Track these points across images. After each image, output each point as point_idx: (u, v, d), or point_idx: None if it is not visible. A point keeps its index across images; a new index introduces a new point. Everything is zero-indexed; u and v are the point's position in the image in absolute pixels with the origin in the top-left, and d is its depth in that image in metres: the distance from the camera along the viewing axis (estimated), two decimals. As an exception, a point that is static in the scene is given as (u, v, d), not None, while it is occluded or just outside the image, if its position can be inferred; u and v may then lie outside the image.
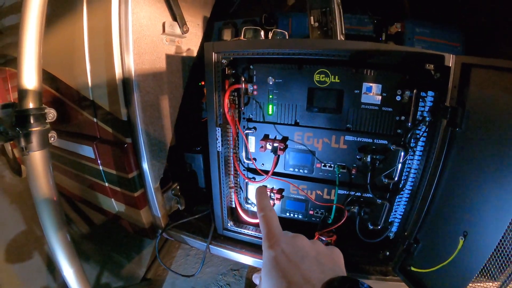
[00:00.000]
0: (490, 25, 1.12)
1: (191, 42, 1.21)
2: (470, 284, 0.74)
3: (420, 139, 0.84)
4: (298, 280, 0.27)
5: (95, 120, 1.10)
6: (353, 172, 0.93)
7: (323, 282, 0.27)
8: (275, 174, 0.99)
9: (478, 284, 0.75)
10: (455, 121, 0.74)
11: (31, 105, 0.74)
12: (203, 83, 1.22)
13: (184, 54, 1.16)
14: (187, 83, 1.18)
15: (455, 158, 0.77)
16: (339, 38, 0.98)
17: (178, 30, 1.10)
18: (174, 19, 1.09)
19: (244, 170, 1.03)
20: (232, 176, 1.03)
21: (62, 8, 1.06)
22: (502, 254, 0.68)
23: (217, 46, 0.88)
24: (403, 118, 0.84)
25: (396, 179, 0.91)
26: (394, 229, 0.97)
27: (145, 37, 0.97)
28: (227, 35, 1.25)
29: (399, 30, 1.15)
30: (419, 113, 0.83)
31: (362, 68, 0.83)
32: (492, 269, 0.71)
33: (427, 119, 0.81)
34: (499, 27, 1.10)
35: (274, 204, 1.01)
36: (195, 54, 1.21)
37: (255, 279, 0.37)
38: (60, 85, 1.17)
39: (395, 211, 0.94)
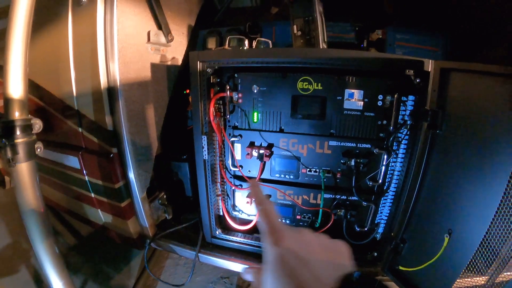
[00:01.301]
0: (470, 31, 1.16)
1: (176, 50, 1.21)
2: (458, 280, 0.77)
3: (402, 142, 0.87)
4: (308, 279, 0.25)
5: (80, 130, 1.09)
6: (338, 176, 0.95)
7: (333, 278, 0.27)
8: (262, 180, 0.99)
9: (466, 279, 0.78)
10: (436, 123, 0.77)
11: (17, 115, 0.73)
12: (188, 91, 1.22)
13: (169, 63, 1.17)
14: (173, 92, 1.18)
15: (437, 159, 0.79)
16: (321, 46, 1.00)
17: (163, 39, 1.10)
18: (159, 28, 1.10)
19: (230, 177, 1.04)
20: (219, 183, 1.03)
21: (47, 16, 1.06)
22: (487, 249, 0.70)
23: (202, 55, 0.89)
24: (385, 122, 0.87)
25: (380, 181, 0.93)
26: (381, 230, 0.98)
27: (130, 46, 0.98)
28: (211, 43, 1.26)
29: (381, 36, 1.18)
30: (400, 117, 0.85)
31: (344, 75, 0.85)
32: (478, 264, 0.73)
33: (408, 122, 0.83)
34: (480, 33, 1.14)
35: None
36: (180, 62, 1.22)
37: (246, 274, 0.34)
38: (44, 94, 1.16)
39: (381, 213, 0.96)
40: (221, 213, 1.07)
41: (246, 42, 1.10)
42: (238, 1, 1.43)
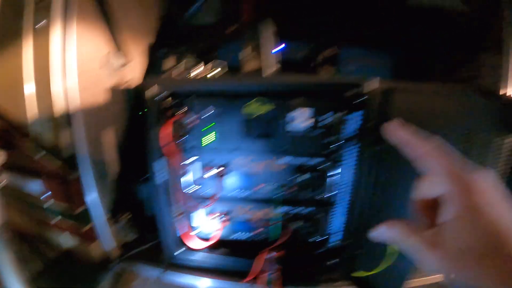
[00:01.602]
0: (420, 49, 1.24)
1: (134, 71, 1.23)
2: (416, 279, 0.84)
3: (348, 157, 0.92)
4: None
5: (40, 154, 1.08)
6: (292, 190, 0.99)
7: None
8: (221, 198, 1.02)
9: (423, 278, 0.90)
10: (379, 139, 0.83)
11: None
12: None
13: (127, 84, 1.18)
14: (131, 113, 1.20)
15: (383, 171, 0.85)
16: (273, 68, 1.05)
17: (121, 61, 1.12)
18: (118, 49, 1.12)
19: (189, 197, 1.06)
20: (177, 204, 1.05)
21: (2, 37, 1.05)
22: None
23: (156, 79, 0.91)
24: (331, 139, 0.92)
25: (332, 192, 0.98)
26: (338, 237, 1.03)
27: (88, 70, 0.99)
28: (169, 63, 1.29)
29: (333, 54, 1.24)
30: (347, 132, 0.91)
31: (291, 97, 0.91)
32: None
33: (354, 138, 0.89)
34: (429, 50, 1.23)
35: (222, 227, 1.05)
36: (138, 82, 1.24)
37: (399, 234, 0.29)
38: (4, 119, 1.14)
39: (336, 222, 1.01)
40: (182, 233, 1.08)
41: (202, 64, 1.14)
42: (199, 18, 1.45)
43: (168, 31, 1.36)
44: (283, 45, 1.17)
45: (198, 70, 1.12)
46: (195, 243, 1.08)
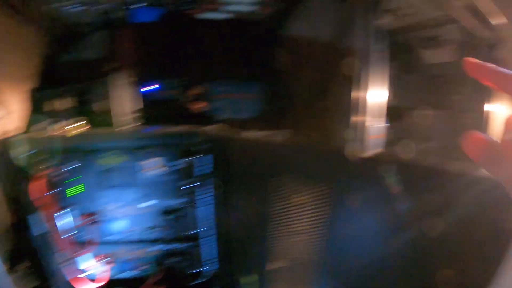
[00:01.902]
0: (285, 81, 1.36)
1: (11, 122, 1.20)
2: None
3: (206, 194, 1.03)
4: None
5: None
6: (164, 229, 1.09)
7: None
8: (101, 242, 1.12)
9: None
10: (223, 178, 0.95)
11: None
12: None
13: (5, 136, 1.14)
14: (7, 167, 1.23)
15: (233, 204, 0.97)
16: (129, 116, 1.16)
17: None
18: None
19: (71, 243, 1.15)
20: (61, 251, 1.13)
21: None
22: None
23: (22, 136, 1.02)
24: (186, 181, 1.03)
25: (198, 228, 1.08)
26: (214, 266, 1.13)
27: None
28: (47, 107, 1.29)
29: (203, 91, 1.33)
30: (198, 174, 1.02)
31: (145, 147, 1.02)
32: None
33: (203, 178, 1.00)
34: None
35: (106, 269, 1.14)
36: (16, 132, 1.19)
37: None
38: None
39: (209, 253, 1.12)
40: (71, 277, 1.17)
41: (67, 121, 1.18)
42: (80, 57, 1.44)
43: (49, 72, 1.42)
44: (156, 85, 1.28)
45: (66, 126, 1.19)
46: (84, 285, 1.16)
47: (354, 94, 0.93)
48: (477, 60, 0.27)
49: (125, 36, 1.31)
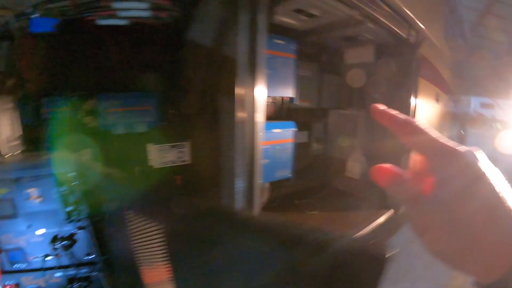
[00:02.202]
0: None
1: None
2: None
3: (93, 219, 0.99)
4: None
5: None
6: (59, 256, 1.04)
7: None
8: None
9: None
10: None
11: None
12: None
13: None
14: None
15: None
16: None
17: None
18: None
19: None
20: None
21: None
22: None
23: None
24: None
25: (94, 253, 1.05)
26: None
27: None
28: None
29: (93, 105, 1.23)
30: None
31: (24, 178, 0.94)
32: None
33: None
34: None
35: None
36: None
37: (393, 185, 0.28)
38: None
39: (109, 276, 1.08)
40: None
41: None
42: None
43: None
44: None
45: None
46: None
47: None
48: (382, 107, 0.28)
49: (19, 48, 1.18)
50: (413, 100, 1.58)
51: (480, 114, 9.79)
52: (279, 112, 1.37)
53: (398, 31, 1.39)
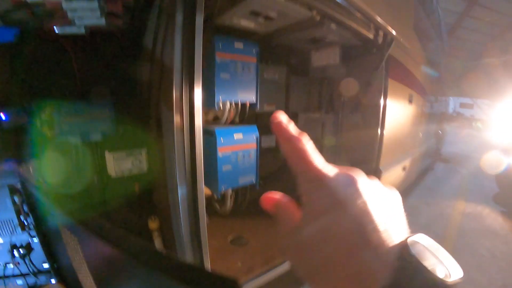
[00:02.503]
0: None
1: None
2: None
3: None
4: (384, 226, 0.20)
5: None
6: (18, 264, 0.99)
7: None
8: None
9: None
10: None
11: None
12: None
13: None
14: None
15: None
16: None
17: None
18: None
19: None
20: None
21: None
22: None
23: None
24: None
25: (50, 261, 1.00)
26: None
27: None
28: None
29: (50, 114, 1.19)
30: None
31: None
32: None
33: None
34: None
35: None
36: None
37: (278, 208, 0.27)
38: None
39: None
40: None
41: None
42: None
43: None
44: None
45: None
46: None
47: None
48: (280, 117, 0.26)
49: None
50: (382, 101, 1.56)
51: (459, 114, 10.08)
52: (243, 117, 1.33)
53: (364, 32, 1.37)
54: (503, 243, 1.92)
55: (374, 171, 1.57)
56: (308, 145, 0.25)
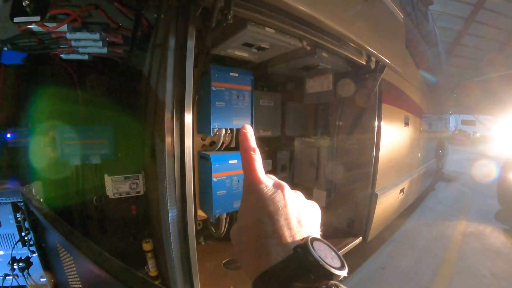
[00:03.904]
0: None
1: None
2: None
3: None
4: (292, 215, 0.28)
5: None
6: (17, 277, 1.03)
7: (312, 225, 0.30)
8: None
9: None
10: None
11: None
12: None
13: None
14: None
15: None
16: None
17: None
18: None
19: None
20: None
21: None
22: None
23: None
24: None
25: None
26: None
27: None
28: None
29: (52, 137, 1.27)
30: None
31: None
32: None
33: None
34: None
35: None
36: None
37: None
38: None
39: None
40: None
41: None
42: None
43: None
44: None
45: None
46: None
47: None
48: (248, 129, 0.33)
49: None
50: (377, 125, 1.59)
51: (461, 131, 10.03)
52: (238, 143, 1.37)
53: (356, 59, 1.42)
54: (504, 262, 1.88)
55: (370, 195, 1.58)
56: (257, 157, 0.32)
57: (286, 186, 0.31)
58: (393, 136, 1.81)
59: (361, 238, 1.63)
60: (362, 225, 1.63)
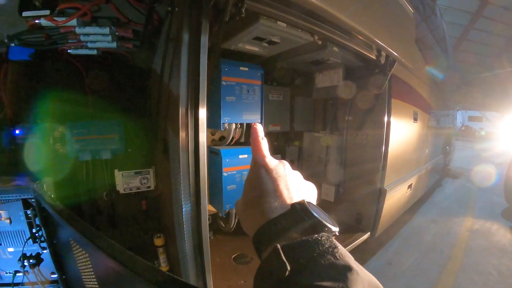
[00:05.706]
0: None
1: None
2: None
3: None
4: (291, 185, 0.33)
5: None
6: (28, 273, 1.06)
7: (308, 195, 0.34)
8: None
9: None
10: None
11: None
12: None
13: None
14: None
15: None
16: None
17: None
18: None
19: None
20: None
21: None
22: None
23: None
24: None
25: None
26: None
27: None
28: None
29: (62, 133, 1.27)
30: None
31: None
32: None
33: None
34: None
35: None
36: None
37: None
38: None
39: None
40: None
41: None
42: None
43: None
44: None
45: None
46: None
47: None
48: (257, 124, 0.37)
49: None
50: (386, 120, 1.58)
51: (468, 127, 9.94)
52: (249, 137, 1.37)
53: (366, 53, 1.40)
54: (510, 260, 1.87)
55: (378, 191, 1.58)
56: (264, 142, 0.36)
57: (287, 163, 0.37)
58: (402, 132, 1.80)
59: (369, 233, 1.62)
60: (370, 220, 1.63)
